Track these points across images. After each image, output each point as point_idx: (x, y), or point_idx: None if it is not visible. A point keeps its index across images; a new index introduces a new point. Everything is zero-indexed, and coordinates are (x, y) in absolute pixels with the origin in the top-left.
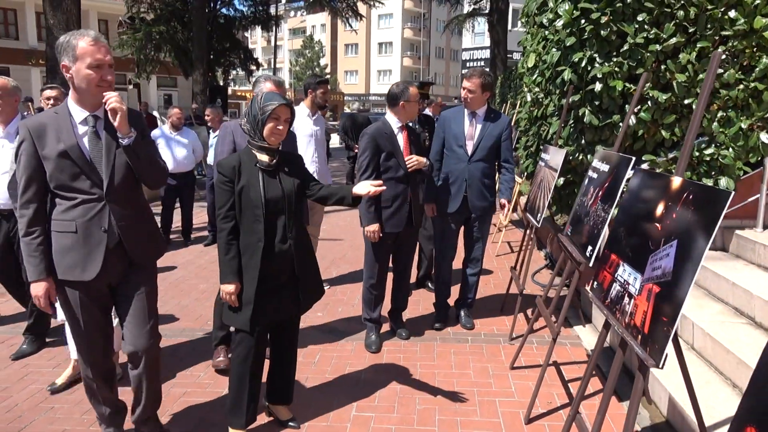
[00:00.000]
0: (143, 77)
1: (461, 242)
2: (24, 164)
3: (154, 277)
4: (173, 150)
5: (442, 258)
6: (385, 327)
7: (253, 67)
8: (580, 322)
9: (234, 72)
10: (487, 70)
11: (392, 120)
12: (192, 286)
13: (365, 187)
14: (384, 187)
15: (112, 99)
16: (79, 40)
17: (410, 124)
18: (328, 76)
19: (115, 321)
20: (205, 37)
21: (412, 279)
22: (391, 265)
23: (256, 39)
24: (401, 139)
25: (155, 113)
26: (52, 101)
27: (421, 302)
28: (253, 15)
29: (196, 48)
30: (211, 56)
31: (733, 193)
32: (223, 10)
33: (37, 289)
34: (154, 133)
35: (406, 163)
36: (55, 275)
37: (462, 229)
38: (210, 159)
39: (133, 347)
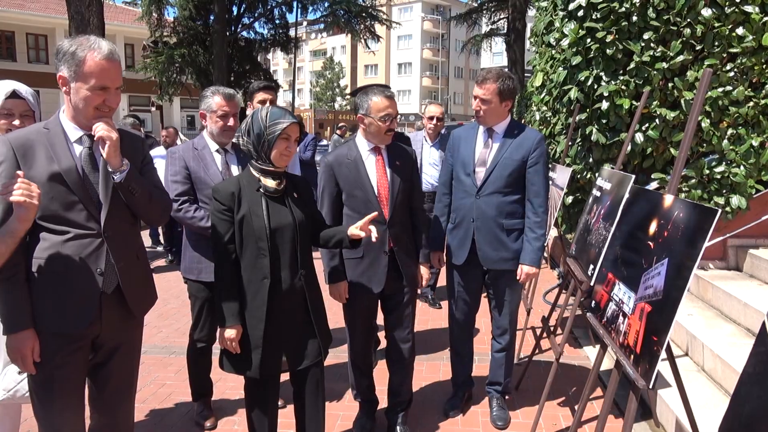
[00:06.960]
0: (166, 99)
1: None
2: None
3: (140, 339)
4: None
5: (453, 322)
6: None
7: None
8: (590, 342)
9: None
10: (507, 70)
11: (360, 142)
12: None
13: (355, 226)
14: (372, 231)
15: (99, 127)
16: (88, 53)
17: (400, 144)
18: (275, 82)
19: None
20: (226, 59)
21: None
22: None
23: (278, 61)
24: (371, 165)
25: (181, 136)
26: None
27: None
28: (274, 37)
29: (217, 70)
30: (232, 78)
31: (738, 211)
32: (244, 33)
33: (19, 343)
34: (154, 152)
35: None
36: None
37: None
38: None
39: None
